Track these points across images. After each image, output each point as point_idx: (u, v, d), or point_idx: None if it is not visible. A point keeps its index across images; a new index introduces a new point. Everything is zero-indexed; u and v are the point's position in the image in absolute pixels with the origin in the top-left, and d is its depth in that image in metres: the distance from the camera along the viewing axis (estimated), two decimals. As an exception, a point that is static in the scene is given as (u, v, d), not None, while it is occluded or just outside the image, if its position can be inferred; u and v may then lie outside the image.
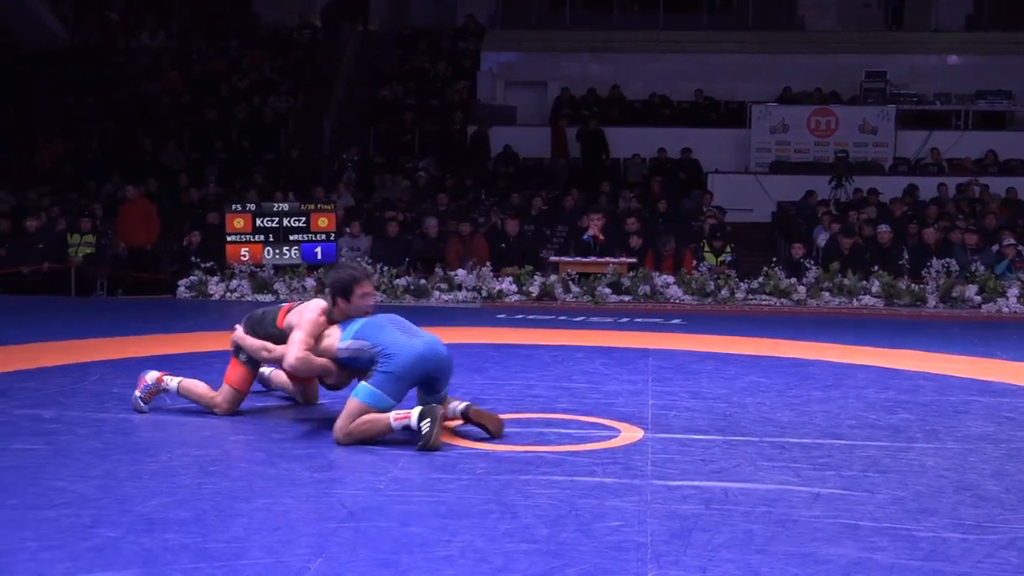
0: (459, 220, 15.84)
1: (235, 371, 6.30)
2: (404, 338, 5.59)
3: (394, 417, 5.45)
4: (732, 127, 21.74)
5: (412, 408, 5.49)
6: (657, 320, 11.59)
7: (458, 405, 5.76)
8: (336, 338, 5.78)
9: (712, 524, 4.24)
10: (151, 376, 6.41)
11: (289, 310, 6.17)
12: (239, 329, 6.30)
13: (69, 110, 22.45)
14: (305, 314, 5.96)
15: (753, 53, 23.26)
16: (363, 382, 5.56)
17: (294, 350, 5.80)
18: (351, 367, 5.80)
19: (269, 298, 12.81)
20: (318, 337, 5.86)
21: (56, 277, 15.06)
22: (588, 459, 5.26)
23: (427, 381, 5.67)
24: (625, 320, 11.57)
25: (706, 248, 14.70)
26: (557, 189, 19.61)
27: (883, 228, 14.90)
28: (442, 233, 15.45)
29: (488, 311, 12.42)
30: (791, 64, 22.89)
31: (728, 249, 14.72)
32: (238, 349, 6.29)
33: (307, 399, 6.62)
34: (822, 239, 15.56)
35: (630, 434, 5.82)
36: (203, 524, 4.19)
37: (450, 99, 22.77)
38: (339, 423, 5.52)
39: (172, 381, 6.39)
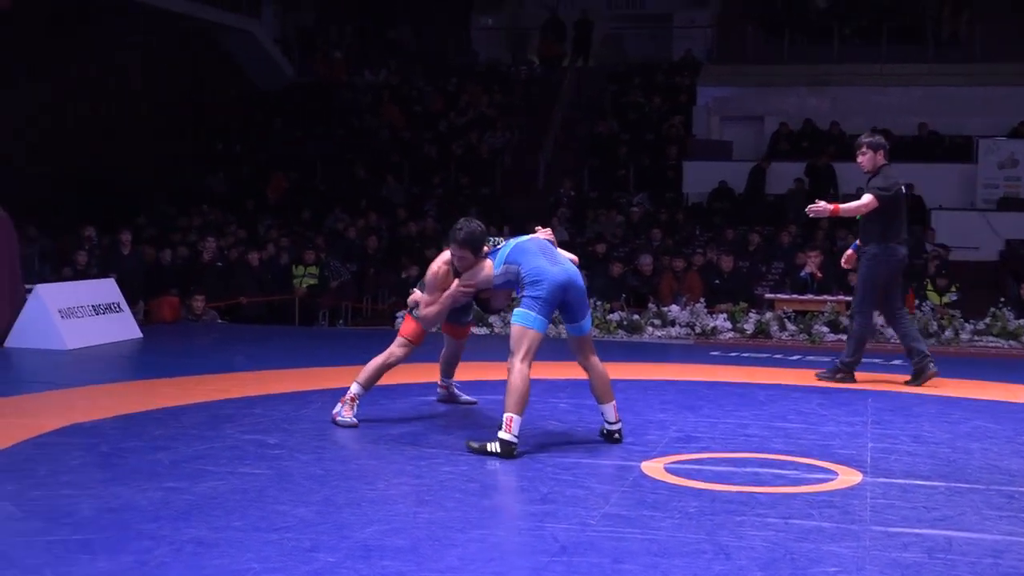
0: (672, 255, 15.74)
1: (408, 324, 7.01)
2: (547, 264, 6.18)
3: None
4: (957, 162, 21.08)
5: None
6: (877, 360, 11.25)
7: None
8: (491, 267, 6.42)
9: (935, 574, 4.08)
10: (341, 406, 6.89)
11: None
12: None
13: (295, 145, 23.30)
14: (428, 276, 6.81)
15: (982, 86, 22.49)
16: (517, 308, 6.18)
17: (421, 311, 6.76)
18: (507, 289, 6.57)
19: (484, 331, 12.93)
20: (473, 273, 6.49)
21: (280, 307, 15.65)
22: (804, 502, 5.15)
23: (565, 307, 6.26)
24: (843, 360, 11.26)
25: (929, 287, 14.25)
26: (774, 225, 19.33)
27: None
28: (656, 268, 15.39)
29: (701, 348, 12.29)
30: (1022, 97, 22.05)
31: (953, 288, 14.24)
32: (414, 307, 6.97)
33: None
34: (1054, 279, 14.92)
35: (848, 477, 5.66)
36: (419, 553, 4.25)
37: (665, 134, 22.73)
38: (512, 353, 6.06)
39: (353, 388, 6.89)
